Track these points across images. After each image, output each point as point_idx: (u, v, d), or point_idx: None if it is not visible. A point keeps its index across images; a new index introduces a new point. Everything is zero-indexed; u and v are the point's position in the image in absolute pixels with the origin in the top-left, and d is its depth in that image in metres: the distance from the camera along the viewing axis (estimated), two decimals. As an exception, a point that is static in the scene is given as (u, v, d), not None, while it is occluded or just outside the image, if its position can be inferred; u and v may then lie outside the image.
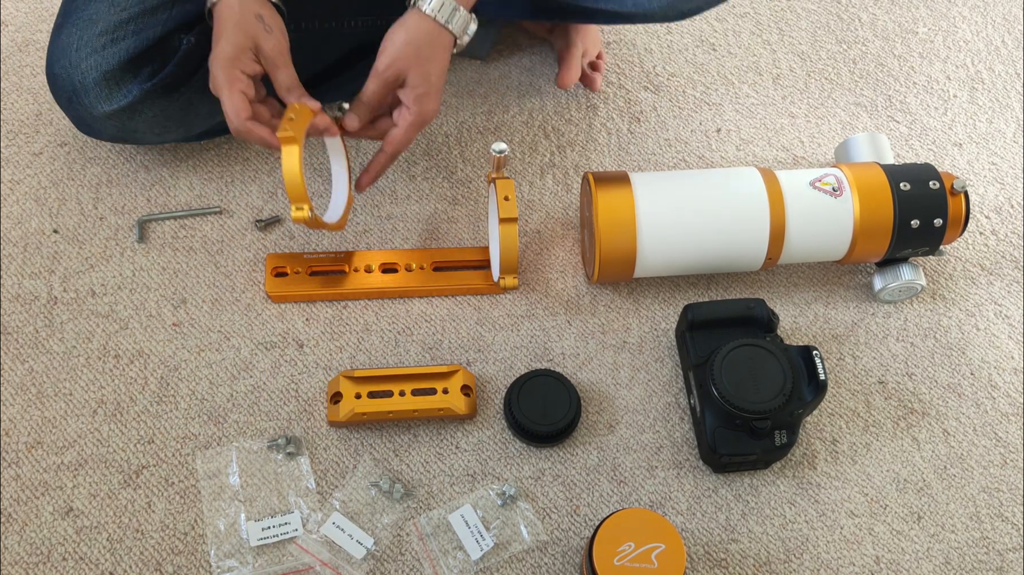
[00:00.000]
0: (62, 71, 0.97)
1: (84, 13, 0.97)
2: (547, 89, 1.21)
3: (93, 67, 0.96)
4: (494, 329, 1.03)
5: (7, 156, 1.11)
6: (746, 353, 0.91)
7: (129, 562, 0.90)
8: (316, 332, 1.02)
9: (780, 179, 1.00)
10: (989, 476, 0.98)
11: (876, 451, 0.99)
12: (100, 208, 1.08)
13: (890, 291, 1.05)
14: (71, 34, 0.97)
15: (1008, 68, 1.27)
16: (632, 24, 1.17)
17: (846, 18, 1.30)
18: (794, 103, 1.22)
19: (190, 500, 0.93)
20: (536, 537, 0.92)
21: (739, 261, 1.01)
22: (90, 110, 0.99)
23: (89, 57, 0.96)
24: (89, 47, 0.96)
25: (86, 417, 0.96)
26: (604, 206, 0.97)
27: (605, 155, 1.16)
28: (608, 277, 1.02)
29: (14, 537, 0.90)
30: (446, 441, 0.97)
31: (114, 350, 1.00)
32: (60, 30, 0.98)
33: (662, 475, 0.96)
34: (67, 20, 0.98)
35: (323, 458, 0.95)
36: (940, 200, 0.99)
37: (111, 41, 0.96)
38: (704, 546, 0.93)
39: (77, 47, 0.96)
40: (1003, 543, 0.95)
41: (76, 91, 0.98)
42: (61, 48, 0.97)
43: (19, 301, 1.02)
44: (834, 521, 0.95)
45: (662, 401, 1.00)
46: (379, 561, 0.91)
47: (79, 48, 0.96)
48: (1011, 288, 1.09)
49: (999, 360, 1.04)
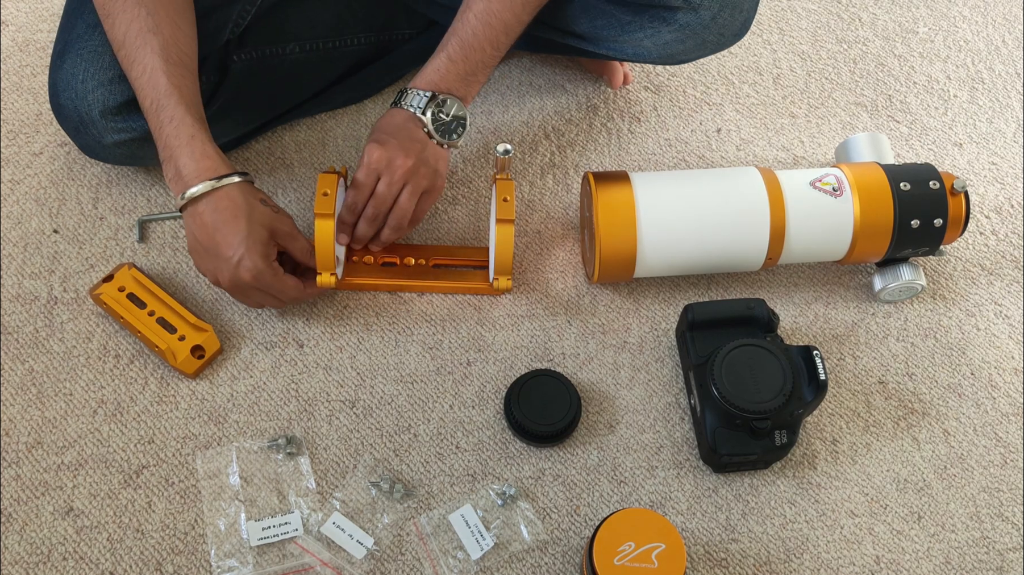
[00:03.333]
0: (68, 102, 0.96)
1: (87, 43, 0.96)
2: (547, 89, 1.21)
3: (100, 100, 0.95)
4: (494, 329, 1.03)
5: (7, 156, 1.11)
6: (746, 353, 0.91)
7: (129, 562, 0.90)
8: (316, 332, 1.02)
9: (780, 179, 1.00)
10: (989, 476, 0.98)
11: (876, 451, 0.99)
12: (100, 208, 1.08)
13: (890, 291, 1.05)
14: (75, 64, 0.96)
15: (1008, 68, 1.27)
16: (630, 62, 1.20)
17: (846, 18, 1.30)
18: (794, 103, 1.22)
19: (190, 500, 0.93)
20: (536, 537, 0.92)
21: (739, 261, 1.01)
22: (99, 139, 0.98)
23: (96, 90, 0.95)
24: (95, 79, 0.95)
25: (86, 417, 0.96)
26: (604, 206, 0.97)
27: (605, 155, 1.16)
28: (608, 277, 1.02)
29: (14, 537, 0.90)
30: (446, 441, 0.97)
31: (114, 350, 1.00)
32: (62, 59, 0.97)
33: (662, 475, 0.96)
34: (69, 48, 0.97)
35: (323, 458, 0.95)
36: (940, 200, 0.99)
37: (119, 76, 0.94)
38: (704, 546, 0.93)
39: (83, 79, 0.95)
40: (1003, 543, 0.95)
41: (83, 122, 0.97)
42: (65, 79, 0.96)
43: (19, 301, 1.02)
44: (834, 521, 0.95)
45: (662, 401, 1.00)
46: (379, 561, 0.91)
47: (85, 80, 0.95)
48: (1011, 288, 1.09)
49: (999, 360, 1.04)
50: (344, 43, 1.11)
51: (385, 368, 1.01)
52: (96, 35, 0.96)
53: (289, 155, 1.13)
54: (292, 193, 1.10)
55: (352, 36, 1.11)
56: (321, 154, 1.13)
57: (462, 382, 1.00)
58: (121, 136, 0.98)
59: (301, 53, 1.08)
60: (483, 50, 0.95)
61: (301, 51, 1.08)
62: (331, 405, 0.98)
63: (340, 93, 1.15)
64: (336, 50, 1.11)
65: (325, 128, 1.15)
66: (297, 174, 1.12)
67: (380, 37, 1.13)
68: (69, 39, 0.98)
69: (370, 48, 1.13)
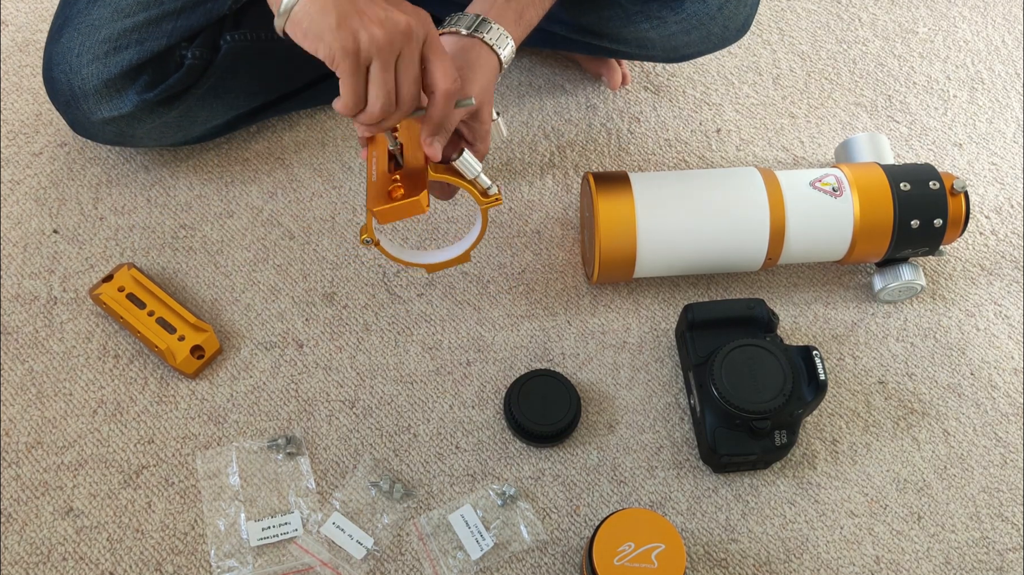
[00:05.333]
0: (61, 75, 0.97)
1: (86, 18, 0.96)
2: (546, 89, 1.21)
3: (94, 74, 0.96)
4: (494, 329, 1.03)
5: (7, 156, 1.11)
6: (746, 353, 0.91)
7: (129, 562, 0.90)
8: (316, 332, 1.02)
9: (780, 179, 1.00)
10: (989, 476, 0.98)
11: (876, 451, 0.99)
12: (100, 208, 1.08)
13: (890, 291, 1.05)
14: (72, 38, 0.96)
15: (1008, 68, 1.27)
16: (631, 60, 1.19)
17: (846, 18, 1.30)
18: (794, 103, 1.22)
19: (190, 500, 0.93)
20: (536, 537, 0.92)
21: (739, 261, 1.01)
22: (88, 115, 0.98)
23: (90, 64, 0.96)
24: (91, 53, 0.95)
25: (86, 417, 0.96)
26: (604, 206, 0.97)
27: (605, 155, 1.16)
28: (608, 277, 1.02)
29: (14, 537, 0.90)
30: (446, 441, 0.97)
31: (114, 350, 1.00)
32: (60, 33, 0.98)
33: (662, 475, 0.96)
34: (67, 23, 0.97)
35: (323, 458, 0.95)
36: (940, 200, 0.99)
37: (113, 49, 0.95)
38: (704, 546, 0.93)
39: (78, 52, 0.96)
40: (1003, 543, 0.95)
41: (75, 96, 0.97)
42: (61, 52, 0.97)
43: (19, 301, 1.02)
44: (834, 521, 0.95)
45: (662, 401, 1.00)
46: (379, 561, 0.91)
47: (80, 54, 0.96)
48: (1011, 288, 1.09)
49: (999, 360, 1.04)
50: None
51: (385, 368, 1.01)
52: (95, 9, 0.96)
53: (288, 155, 1.13)
54: (292, 193, 1.10)
55: None
56: (321, 154, 1.13)
57: (462, 382, 1.00)
58: (111, 112, 0.98)
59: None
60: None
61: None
62: (331, 405, 0.98)
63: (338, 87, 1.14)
64: None
65: (325, 128, 1.15)
66: (297, 174, 1.12)
67: None
68: (69, 14, 0.98)
69: None
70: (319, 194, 1.10)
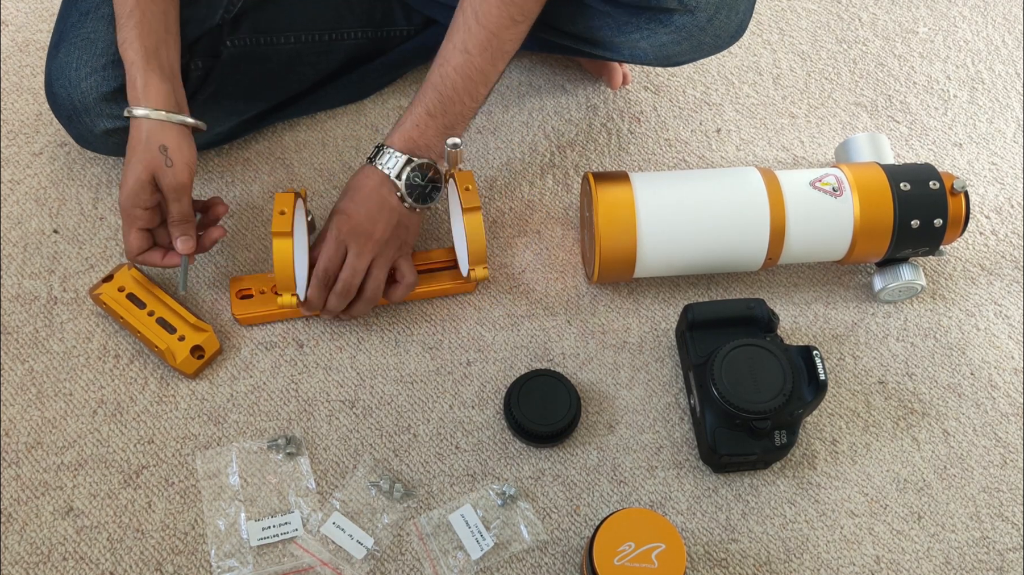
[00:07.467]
0: (62, 90, 0.97)
1: (80, 31, 0.97)
2: (547, 89, 1.21)
3: (93, 87, 0.96)
4: (494, 329, 1.03)
5: (7, 156, 1.11)
6: (746, 353, 0.91)
7: (129, 562, 0.90)
8: (316, 332, 1.02)
9: (780, 179, 1.00)
10: (989, 476, 0.98)
11: (876, 451, 0.99)
12: (100, 208, 1.08)
13: (890, 291, 1.05)
14: (69, 53, 0.96)
15: (1008, 68, 1.27)
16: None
17: (846, 18, 1.30)
18: (794, 103, 1.22)
19: (190, 500, 0.93)
20: (536, 537, 0.92)
21: (739, 261, 1.01)
22: (91, 128, 0.99)
23: (89, 77, 0.96)
24: (88, 67, 0.96)
25: (86, 417, 0.96)
26: (604, 206, 0.97)
27: (605, 155, 1.16)
28: (608, 277, 1.02)
29: (14, 537, 0.90)
30: (446, 441, 0.97)
31: (114, 350, 1.00)
32: (57, 48, 0.98)
33: (662, 475, 0.96)
34: (63, 39, 0.98)
35: (323, 458, 0.95)
36: (940, 200, 0.99)
37: (112, 62, 0.95)
38: (704, 546, 0.93)
39: (76, 66, 0.96)
40: (1003, 543, 0.95)
41: (76, 110, 0.97)
42: (59, 67, 0.97)
43: (19, 301, 1.02)
44: (834, 521, 0.95)
45: (662, 401, 1.00)
46: (379, 561, 0.91)
47: (78, 68, 0.96)
48: (1011, 288, 1.09)
49: (999, 360, 1.04)
50: (340, 36, 1.11)
51: (385, 368, 1.01)
52: (88, 22, 0.96)
53: (289, 155, 1.13)
54: (292, 193, 1.10)
55: (348, 30, 1.11)
56: (321, 154, 1.13)
57: (462, 382, 1.00)
58: (113, 124, 0.98)
59: (296, 44, 1.08)
60: (462, 103, 0.94)
61: (296, 41, 1.08)
62: (331, 405, 0.98)
63: (339, 91, 1.15)
64: (332, 43, 1.11)
65: (325, 128, 1.15)
66: (297, 174, 1.12)
67: (377, 33, 1.13)
68: (64, 28, 0.99)
69: (367, 43, 1.13)
70: (320, 194, 1.10)
